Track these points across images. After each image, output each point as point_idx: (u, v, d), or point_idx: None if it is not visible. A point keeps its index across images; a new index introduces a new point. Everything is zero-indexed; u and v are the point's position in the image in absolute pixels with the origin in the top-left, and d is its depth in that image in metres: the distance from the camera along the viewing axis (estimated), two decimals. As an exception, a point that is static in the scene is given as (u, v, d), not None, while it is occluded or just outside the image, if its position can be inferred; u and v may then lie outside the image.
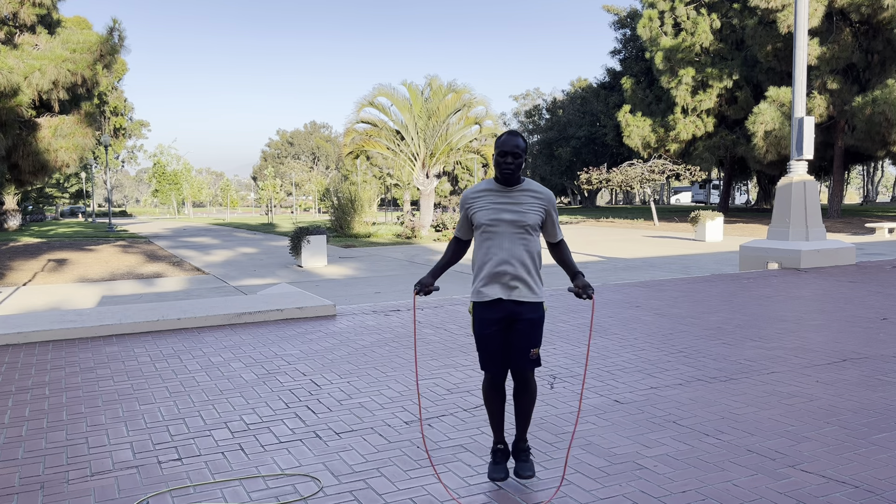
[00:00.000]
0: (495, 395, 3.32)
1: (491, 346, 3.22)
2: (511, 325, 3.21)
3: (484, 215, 3.19)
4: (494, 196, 3.21)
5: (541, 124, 68.94)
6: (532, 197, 3.20)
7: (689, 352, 5.99)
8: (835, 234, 23.23)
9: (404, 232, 25.40)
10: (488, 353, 3.24)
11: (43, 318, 7.34)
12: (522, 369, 3.23)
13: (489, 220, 3.17)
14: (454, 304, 8.62)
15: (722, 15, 34.76)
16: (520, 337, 3.20)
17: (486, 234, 3.20)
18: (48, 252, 19.93)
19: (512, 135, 3.13)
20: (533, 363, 3.23)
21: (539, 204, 3.20)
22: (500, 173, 3.16)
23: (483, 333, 3.22)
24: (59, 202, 72.91)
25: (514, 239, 3.16)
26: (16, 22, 23.00)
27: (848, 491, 3.22)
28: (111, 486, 3.41)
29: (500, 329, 3.21)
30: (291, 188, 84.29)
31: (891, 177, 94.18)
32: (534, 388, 3.30)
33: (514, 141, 3.12)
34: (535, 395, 3.32)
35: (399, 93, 28.27)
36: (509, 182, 3.18)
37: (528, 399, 3.30)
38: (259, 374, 5.43)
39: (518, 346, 3.20)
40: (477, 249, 3.27)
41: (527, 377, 3.26)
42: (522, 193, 3.20)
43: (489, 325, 3.20)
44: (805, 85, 12.42)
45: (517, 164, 3.13)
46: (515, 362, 3.22)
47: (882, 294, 8.99)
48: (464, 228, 3.36)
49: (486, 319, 3.21)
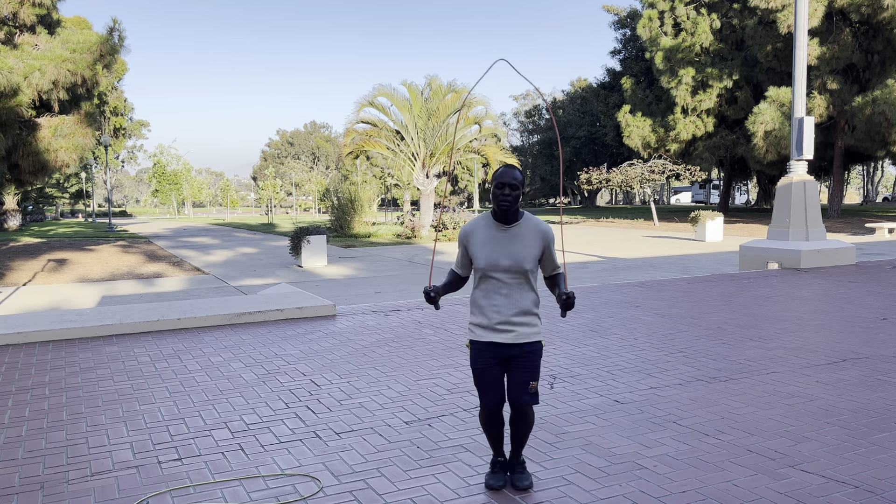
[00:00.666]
0: (493, 424, 3.31)
1: (489, 377, 3.22)
2: (510, 360, 3.22)
3: (481, 258, 3.17)
4: (491, 235, 3.19)
5: (541, 124, 68.94)
6: (530, 234, 3.19)
7: (689, 352, 5.99)
8: (835, 234, 23.23)
9: (404, 232, 25.40)
10: (486, 388, 3.23)
11: (43, 318, 7.34)
12: (521, 403, 3.20)
13: (487, 266, 3.16)
14: (454, 304, 8.62)
15: (722, 15, 34.75)
16: (518, 370, 3.19)
17: (486, 280, 3.20)
18: (48, 252, 19.93)
19: (509, 168, 3.14)
20: (531, 397, 3.20)
21: (536, 241, 3.19)
22: (498, 206, 3.14)
23: (480, 368, 3.22)
24: (59, 202, 72.91)
25: (511, 285, 3.16)
26: (16, 22, 23.00)
27: (848, 491, 3.22)
28: (111, 486, 3.41)
29: (497, 363, 3.22)
30: (291, 188, 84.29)
31: (891, 177, 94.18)
32: (532, 418, 3.28)
33: (512, 173, 3.11)
34: (532, 424, 3.29)
35: (399, 93, 28.28)
36: (506, 217, 3.15)
37: (525, 428, 3.29)
38: (259, 374, 5.43)
39: (517, 379, 3.19)
40: (476, 289, 3.26)
41: (525, 411, 3.23)
42: (520, 230, 3.18)
43: (487, 360, 3.21)
44: (805, 85, 12.42)
45: (514, 197, 3.11)
46: (514, 395, 3.21)
47: (882, 294, 8.99)
48: (462, 265, 3.34)
49: (484, 355, 3.21)
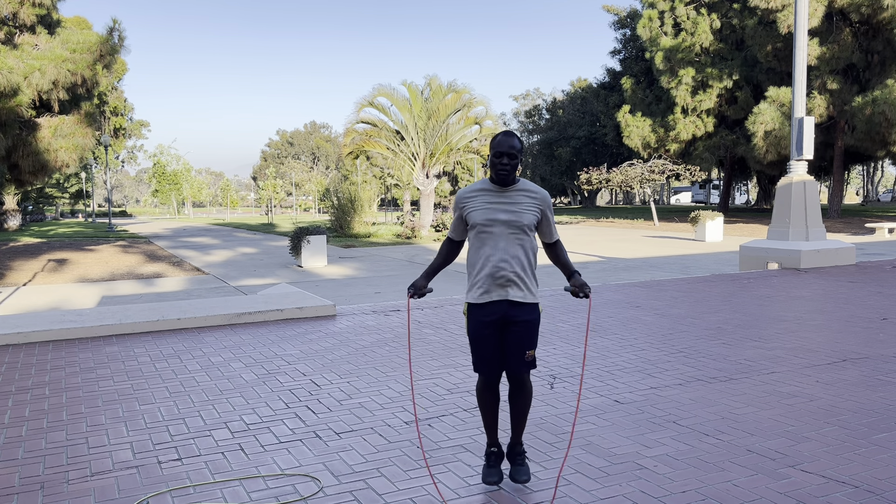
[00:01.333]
0: (489, 396, 3.28)
1: (486, 347, 3.18)
2: (506, 326, 3.18)
3: (479, 215, 3.14)
4: (489, 196, 3.16)
5: (541, 124, 68.93)
6: (527, 197, 3.16)
7: (689, 352, 5.99)
8: (835, 234, 23.23)
9: (404, 232, 25.40)
10: (483, 355, 3.19)
11: (43, 318, 7.34)
12: (518, 372, 3.19)
13: (484, 221, 3.13)
14: (454, 304, 8.62)
15: (722, 15, 34.75)
16: (515, 339, 3.16)
17: (481, 235, 3.16)
18: (48, 252, 19.92)
19: (507, 135, 3.08)
20: (528, 365, 3.19)
21: (534, 204, 3.16)
22: (496, 174, 3.10)
23: (478, 335, 3.18)
24: (59, 202, 72.93)
25: (509, 239, 3.13)
26: (16, 22, 22.99)
27: (848, 491, 3.22)
28: (111, 486, 3.41)
29: (494, 331, 3.18)
30: (291, 188, 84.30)
31: (891, 177, 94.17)
32: (529, 389, 3.26)
33: (510, 141, 3.06)
34: (530, 397, 3.28)
35: (399, 93, 28.29)
36: (504, 182, 3.13)
37: (523, 401, 3.26)
38: (259, 374, 5.43)
39: (513, 348, 3.17)
40: (472, 250, 3.23)
41: (523, 379, 3.22)
42: (518, 193, 3.16)
43: (484, 327, 3.17)
44: (805, 85, 12.41)
45: (513, 165, 3.07)
46: (511, 365, 3.18)
47: (882, 294, 8.99)
48: (457, 229, 3.31)
49: (481, 321, 3.17)
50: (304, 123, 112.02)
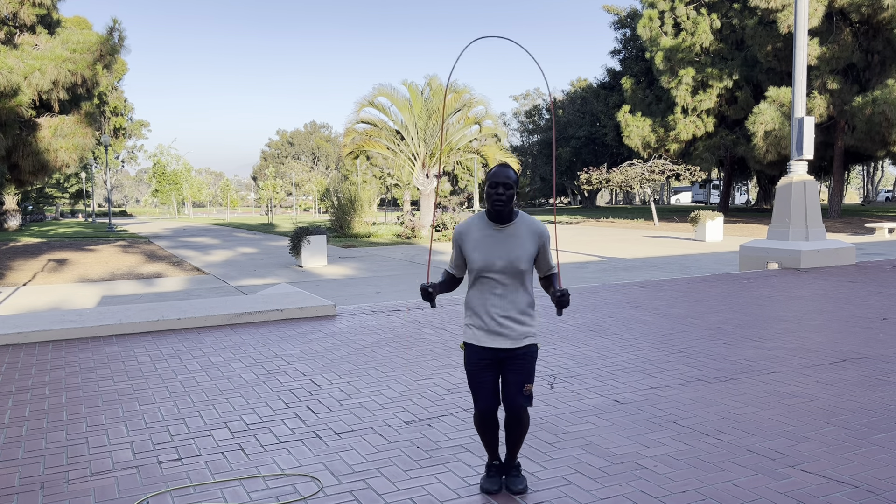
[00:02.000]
0: (488, 427, 3.27)
1: (483, 382, 3.18)
2: (504, 361, 3.18)
3: (476, 259, 3.14)
4: (486, 235, 3.16)
5: (541, 124, 68.92)
6: (525, 234, 3.16)
7: (689, 352, 5.99)
8: (835, 234, 23.23)
9: (404, 232, 25.40)
10: (480, 390, 3.19)
11: (43, 318, 7.34)
12: (515, 406, 3.17)
13: (482, 267, 3.13)
14: (454, 305, 8.62)
15: (722, 15, 34.76)
16: (513, 371, 3.15)
17: (479, 278, 3.17)
18: (48, 252, 19.93)
19: (503, 167, 3.11)
20: (527, 399, 3.17)
21: (531, 241, 3.16)
22: (492, 206, 3.10)
23: (475, 370, 3.19)
24: (59, 202, 72.96)
25: (507, 286, 3.14)
26: (16, 22, 23.00)
27: (848, 491, 3.22)
28: (111, 486, 3.41)
29: (492, 364, 3.18)
30: (291, 188, 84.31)
31: (891, 177, 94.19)
32: (526, 420, 3.23)
33: (506, 172, 3.08)
34: (527, 427, 3.26)
35: (399, 93, 28.29)
36: (501, 217, 3.12)
37: (519, 432, 3.25)
38: (259, 374, 5.43)
39: (511, 381, 3.16)
40: (471, 289, 3.23)
41: (520, 414, 3.20)
42: (515, 231, 3.15)
43: (481, 364, 3.18)
44: (805, 85, 12.41)
45: (508, 196, 3.08)
46: (508, 398, 3.17)
47: (882, 294, 8.99)
48: (457, 265, 3.31)
49: (478, 357, 3.18)
50: (304, 123, 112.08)
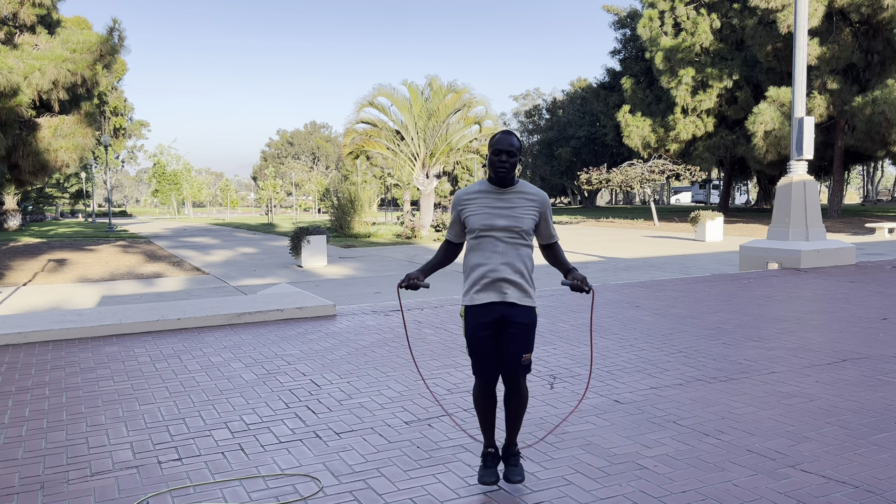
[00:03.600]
0: (486, 399, 3.29)
1: (483, 349, 3.19)
2: (503, 329, 3.18)
3: (477, 220, 3.14)
4: (488, 199, 3.16)
5: (541, 124, 68.94)
6: (526, 199, 3.16)
7: (689, 352, 5.99)
8: (835, 234, 23.23)
9: (404, 232, 25.40)
10: (480, 357, 3.20)
11: (43, 318, 7.34)
12: (514, 375, 3.19)
13: (482, 226, 3.13)
14: (454, 304, 8.62)
15: (722, 15, 34.76)
16: (512, 342, 3.16)
17: (478, 239, 3.16)
18: (48, 252, 19.93)
19: (506, 133, 3.09)
20: (525, 368, 3.20)
21: (533, 206, 3.16)
22: (494, 172, 3.10)
23: (475, 337, 3.18)
24: (59, 202, 72.96)
25: (507, 245, 3.13)
26: (16, 22, 23.00)
27: (848, 491, 3.22)
28: (111, 486, 3.41)
29: (492, 333, 3.18)
30: (291, 188, 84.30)
31: (891, 177, 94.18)
32: (525, 392, 3.26)
33: (509, 139, 3.07)
34: (526, 400, 3.28)
35: (399, 93, 28.28)
36: (503, 182, 3.12)
37: (518, 403, 3.26)
38: (259, 374, 5.43)
39: (510, 351, 3.17)
40: (469, 253, 3.23)
41: (518, 383, 3.22)
42: (516, 196, 3.15)
43: (481, 329, 3.16)
44: (805, 85, 12.41)
45: (511, 164, 3.08)
46: (507, 368, 3.19)
47: (882, 294, 8.99)
48: (456, 231, 3.30)
49: (479, 323, 3.16)
50: (304, 123, 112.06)
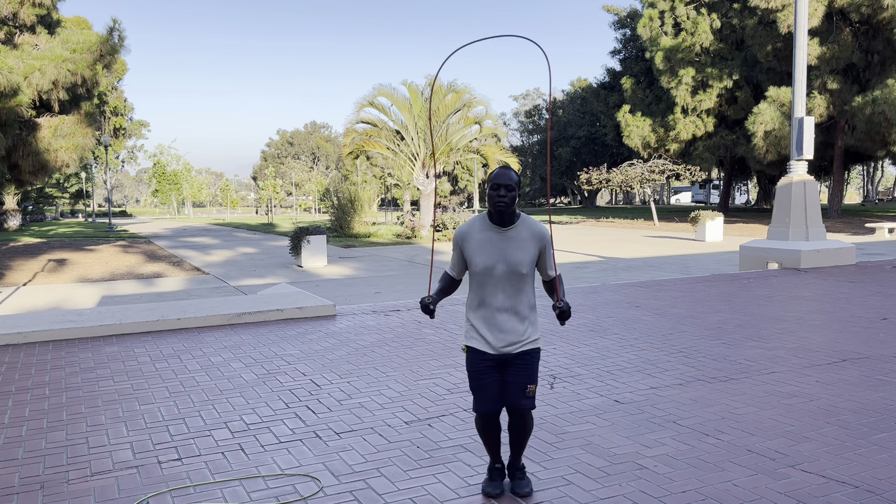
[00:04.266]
0: (490, 429, 3.25)
1: (485, 385, 3.16)
2: (506, 363, 3.16)
3: (478, 261, 3.12)
4: (488, 238, 3.14)
5: (541, 124, 68.95)
6: (526, 236, 3.14)
7: (689, 352, 5.99)
8: (835, 234, 23.23)
9: (404, 232, 25.40)
10: (482, 392, 3.17)
11: (43, 318, 7.34)
12: (519, 408, 3.15)
13: (483, 269, 3.11)
14: (454, 305, 8.62)
15: (722, 15, 34.76)
16: (515, 373, 3.14)
17: (480, 280, 3.15)
18: (48, 252, 19.93)
19: (505, 168, 3.10)
20: (529, 401, 3.16)
21: (533, 244, 3.14)
22: (494, 207, 3.09)
23: (477, 372, 3.17)
24: (59, 202, 72.97)
25: (508, 289, 3.12)
26: (16, 22, 23.00)
27: (848, 491, 3.22)
28: (111, 486, 3.41)
29: (494, 366, 3.16)
30: (291, 188, 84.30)
31: (891, 177, 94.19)
32: (530, 422, 3.22)
33: (508, 174, 3.08)
34: (531, 429, 3.24)
35: (399, 93, 28.29)
36: (503, 220, 3.11)
37: (523, 433, 3.23)
38: (259, 374, 5.43)
39: (514, 382, 3.14)
40: (472, 290, 3.21)
41: (523, 415, 3.18)
42: (517, 233, 3.14)
43: (483, 366, 3.16)
44: (805, 85, 12.42)
45: (511, 198, 3.07)
46: (511, 399, 3.15)
47: (882, 294, 8.99)
48: (457, 267, 3.28)
49: (481, 359, 3.16)
50: (304, 123, 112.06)
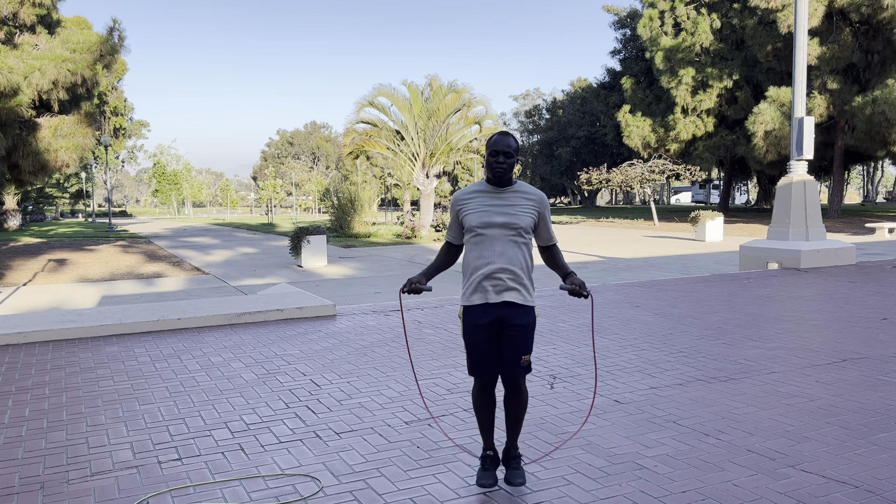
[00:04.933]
0: (485, 400, 3.27)
1: (481, 350, 3.17)
2: (502, 330, 3.16)
3: (475, 218, 3.13)
4: (485, 198, 3.15)
5: (541, 124, 68.95)
6: (524, 199, 3.15)
7: (689, 352, 5.99)
8: (835, 234, 23.23)
9: (404, 232, 25.39)
10: (479, 359, 3.18)
11: (43, 318, 7.34)
12: (513, 376, 3.17)
13: (480, 224, 3.12)
14: (454, 304, 8.62)
15: (722, 15, 34.76)
16: (511, 343, 3.14)
17: (477, 238, 3.15)
18: (48, 252, 19.92)
19: (503, 134, 3.10)
20: (524, 369, 3.18)
21: (531, 206, 3.15)
22: (492, 173, 3.11)
23: (473, 338, 3.16)
24: (59, 202, 72.97)
25: (505, 242, 3.11)
26: (16, 22, 23.00)
27: (848, 491, 3.22)
28: (111, 486, 3.41)
29: (490, 334, 3.16)
30: (291, 188, 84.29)
31: (891, 177, 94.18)
32: (525, 394, 3.24)
33: (506, 140, 3.08)
34: (525, 401, 3.26)
35: (399, 93, 28.29)
36: (501, 182, 3.12)
37: (518, 404, 3.24)
38: (259, 374, 5.43)
39: (509, 352, 3.15)
40: (468, 252, 3.21)
41: (518, 384, 3.20)
42: (514, 195, 3.15)
43: (479, 330, 3.15)
44: (805, 85, 12.42)
45: (509, 164, 3.09)
46: (506, 369, 3.17)
47: (882, 294, 8.99)
48: (455, 232, 3.30)
49: (477, 324, 3.15)
50: (304, 123, 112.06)
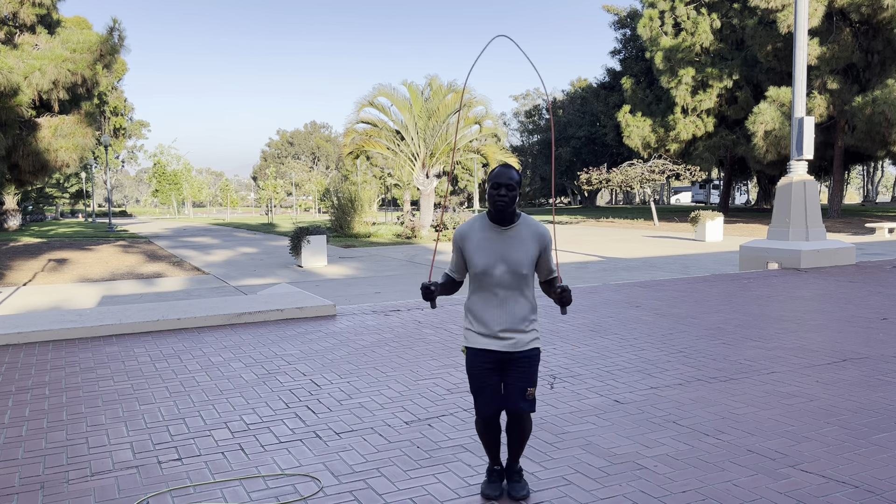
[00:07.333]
0: (490, 431, 3.25)
1: (485, 386, 3.15)
2: (506, 364, 3.15)
3: (478, 261, 3.10)
4: (489, 237, 3.12)
5: (541, 124, 68.94)
6: (527, 236, 3.12)
7: (689, 352, 5.99)
8: (835, 234, 23.23)
9: (404, 232, 25.39)
10: (482, 394, 3.16)
11: (43, 318, 7.34)
12: (518, 410, 3.14)
13: (483, 269, 3.09)
14: (454, 304, 8.62)
15: (722, 15, 34.75)
16: (515, 376, 3.12)
17: (481, 280, 3.13)
18: (48, 252, 19.92)
19: (505, 167, 3.07)
20: (529, 404, 3.14)
21: (533, 243, 3.12)
22: (493, 206, 3.06)
23: (476, 374, 3.15)
24: (59, 202, 72.97)
25: (508, 289, 3.10)
26: (16, 22, 23.00)
27: (848, 491, 3.22)
28: (111, 486, 3.41)
29: (494, 367, 3.15)
30: (291, 188, 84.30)
31: (891, 177, 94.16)
32: (529, 424, 3.21)
33: (508, 173, 3.05)
34: (529, 431, 3.22)
35: (399, 93, 28.28)
36: (503, 219, 3.08)
37: (521, 437, 3.22)
38: (259, 374, 5.43)
39: (513, 385, 3.13)
40: (472, 293, 3.19)
41: (522, 418, 3.17)
42: (517, 233, 3.11)
43: (483, 367, 3.14)
44: (805, 85, 12.42)
45: (511, 197, 3.04)
46: (510, 402, 3.14)
47: (882, 294, 8.99)
48: (457, 267, 3.25)
49: (480, 362, 3.15)
50: (304, 123, 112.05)
